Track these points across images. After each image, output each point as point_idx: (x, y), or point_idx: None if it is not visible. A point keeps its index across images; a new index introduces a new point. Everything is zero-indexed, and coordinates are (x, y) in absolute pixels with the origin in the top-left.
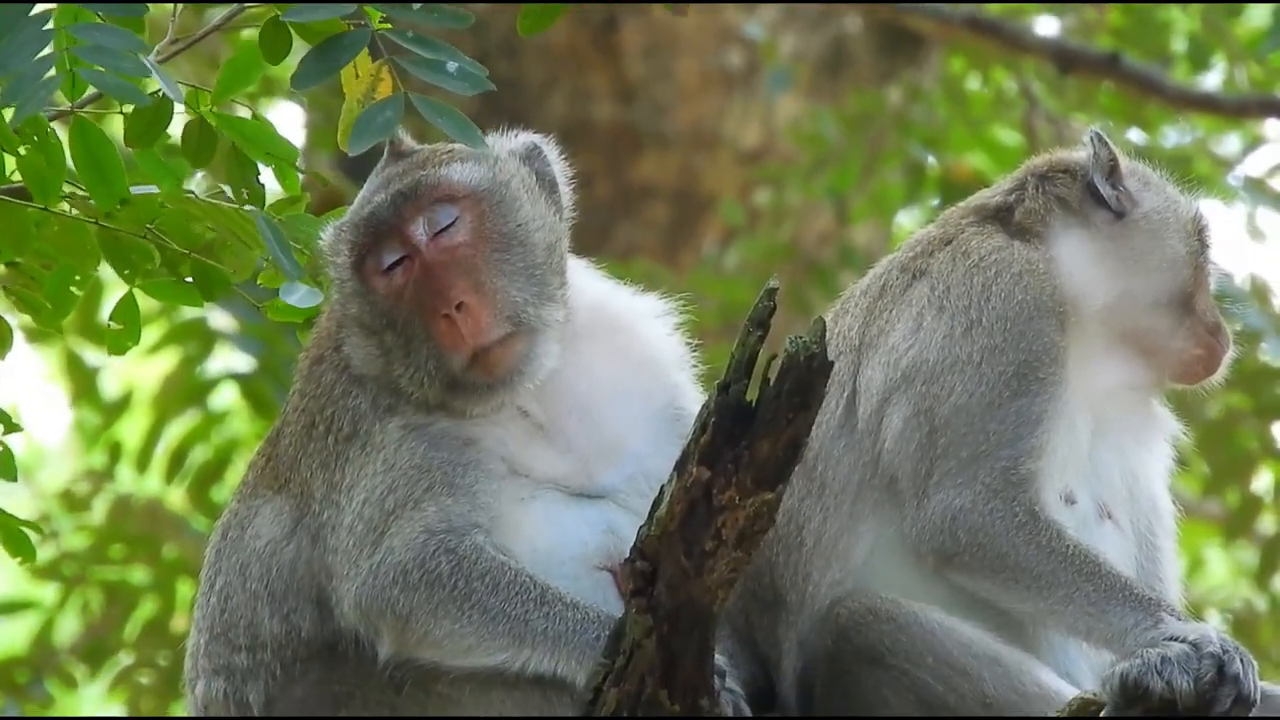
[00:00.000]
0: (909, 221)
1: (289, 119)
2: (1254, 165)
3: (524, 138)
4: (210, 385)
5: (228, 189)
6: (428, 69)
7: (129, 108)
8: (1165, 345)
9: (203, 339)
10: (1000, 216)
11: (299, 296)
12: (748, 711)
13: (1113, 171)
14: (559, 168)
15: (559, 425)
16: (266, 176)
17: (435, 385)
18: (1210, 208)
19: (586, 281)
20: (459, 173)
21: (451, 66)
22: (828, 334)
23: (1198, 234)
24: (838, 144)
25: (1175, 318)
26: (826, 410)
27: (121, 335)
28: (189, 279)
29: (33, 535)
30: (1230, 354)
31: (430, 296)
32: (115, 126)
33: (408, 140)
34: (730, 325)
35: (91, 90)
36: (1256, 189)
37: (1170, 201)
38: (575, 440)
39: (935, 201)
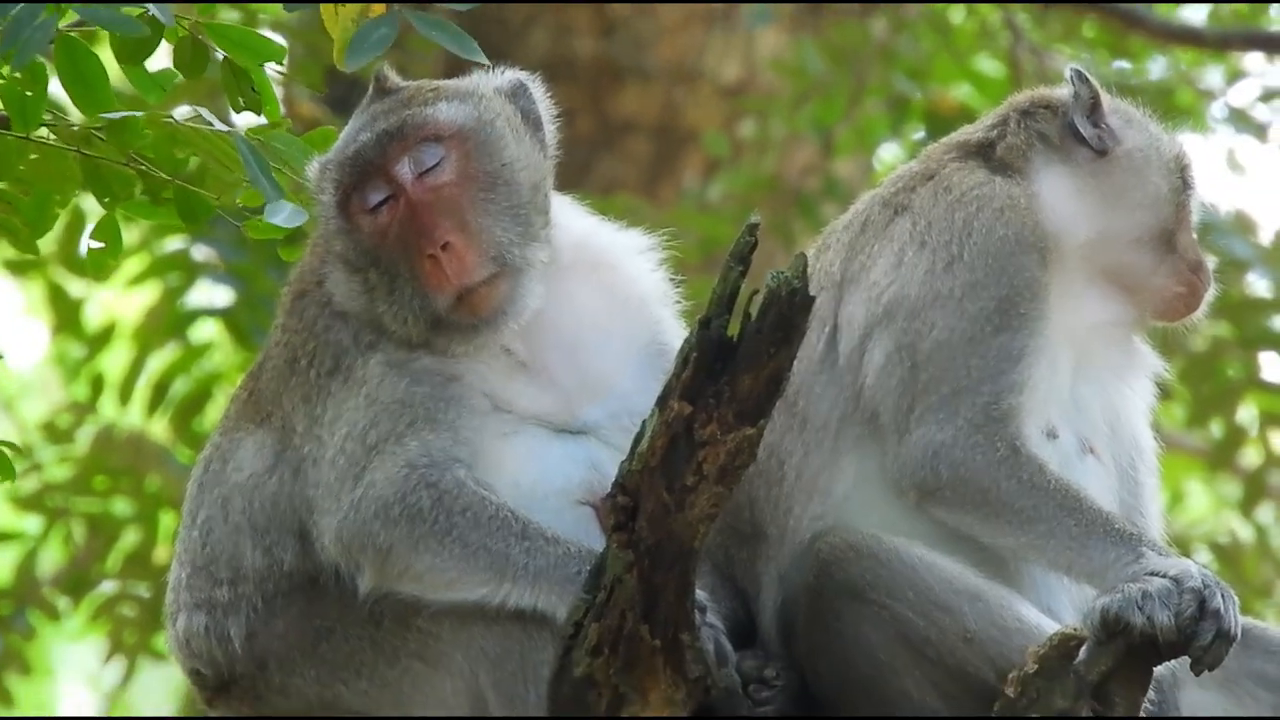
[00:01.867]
0: (891, 156)
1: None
2: (1237, 97)
3: (510, 75)
4: (192, 317)
5: (205, 112)
6: None
7: None
8: (1147, 282)
9: (185, 271)
10: (982, 152)
11: (285, 215)
12: (728, 646)
13: (1094, 109)
14: (544, 105)
15: (542, 362)
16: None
17: (419, 324)
18: (1192, 142)
19: (570, 218)
20: (445, 112)
21: None
22: (809, 269)
23: (1180, 172)
24: (821, 76)
25: (1157, 255)
26: (807, 346)
27: (103, 254)
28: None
29: (16, 466)
30: (1212, 291)
31: (415, 236)
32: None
33: (392, 76)
34: (711, 259)
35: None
36: (1239, 119)
37: (1153, 139)
38: (558, 376)
39: (919, 135)
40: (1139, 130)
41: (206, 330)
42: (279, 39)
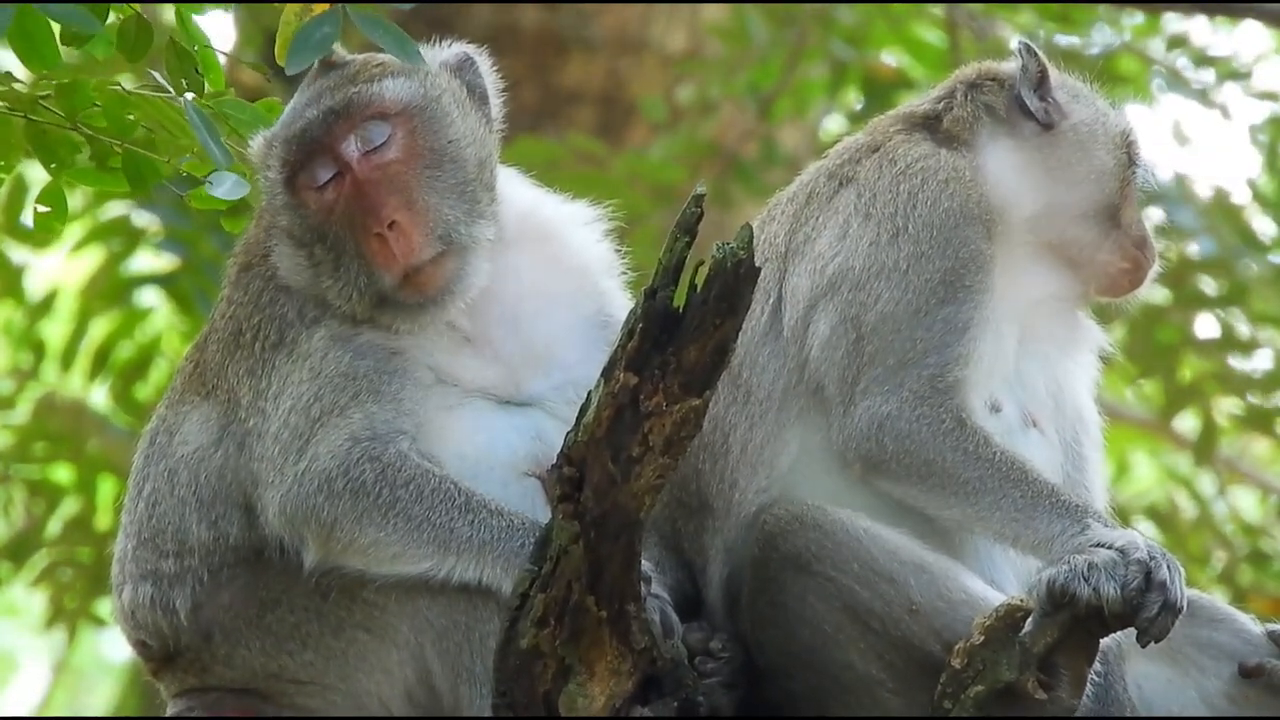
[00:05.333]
0: (836, 127)
1: (216, 21)
2: (1177, 63)
3: (456, 49)
4: (134, 283)
5: (158, 75)
6: None
7: None
8: (1091, 257)
9: (127, 236)
10: (928, 124)
11: (227, 188)
12: (674, 617)
13: (1041, 83)
14: (490, 79)
15: (487, 335)
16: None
17: (364, 301)
18: (1137, 112)
19: (515, 190)
20: (391, 89)
21: None
22: (757, 239)
23: (1126, 147)
24: (761, 41)
25: (1101, 230)
26: (752, 317)
27: (49, 219)
28: (118, 167)
29: None
30: (1156, 269)
31: (362, 215)
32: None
33: (338, 50)
34: (653, 219)
35: None
36: (1177, 82)
37: (1099, 114)
38: (503, 349)
39: (859, 105)
40: (1085, 105)
41: (149, 296)
42: (224, 39)
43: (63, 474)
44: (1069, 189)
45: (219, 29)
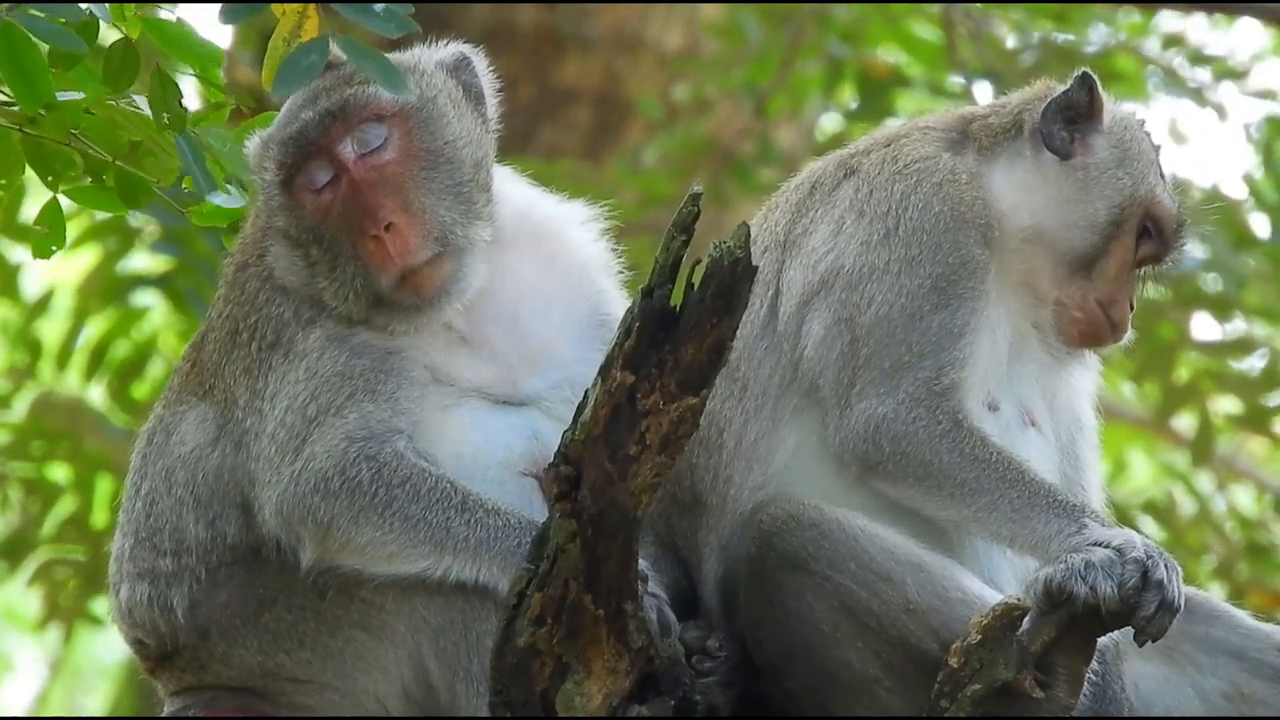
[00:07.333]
0: (831, 125)
1: (213, 19)
2: (1173, 61)
3: (452, 48)
4: (130, 282)
5: (141, 99)
6: (355, 9)
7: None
8: (1048, 295)
9: (123, 235)
10: (959, 126)
11: (221, 201)
12: (671, 616)
13: (1078, 114)
14: (486, 79)
15: (483, 335)
16: (190, 86)
17: (361, 302)
18: (1132, 108)
19: (511, 189)
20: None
21: (378, 7)
22: (760, 228)
23: (1142, 217)
24: (757, 39)
25: (1068, 273)
26: (751, 309)
27: (46, 240)
28: (112, 185)
29: None
30: (1122, 342)
31: (359, 216)
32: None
33: (334, 49)
34: (647, 221)
35: None
36: (1173, 82)
37: (1125, 170)
38: (499, 349)
39: (854, 103)
40: (1116, 154)
41: (145, 296)
42: (220, 41)
43: (59, 472)
44: (1055, 221)
45: (216, 29)
